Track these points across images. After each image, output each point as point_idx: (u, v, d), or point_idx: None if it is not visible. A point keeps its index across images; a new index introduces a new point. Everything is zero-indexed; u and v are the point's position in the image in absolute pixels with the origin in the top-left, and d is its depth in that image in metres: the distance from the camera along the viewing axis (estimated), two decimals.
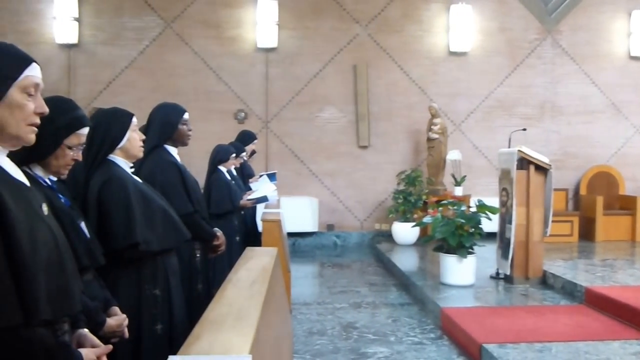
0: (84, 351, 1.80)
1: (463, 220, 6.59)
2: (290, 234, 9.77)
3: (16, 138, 1.69)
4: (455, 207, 6.78)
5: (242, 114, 10.62)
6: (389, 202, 10.60)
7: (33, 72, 1.71)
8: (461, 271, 6.79)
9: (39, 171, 2.25)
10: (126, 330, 2.45)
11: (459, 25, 10.86)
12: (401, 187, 10.25)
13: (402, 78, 10.90)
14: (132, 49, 10.53)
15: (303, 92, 10.73)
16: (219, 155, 5.99)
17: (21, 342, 1.56)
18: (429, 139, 10.43)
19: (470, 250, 6.73)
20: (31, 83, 1.69)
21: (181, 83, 10.47)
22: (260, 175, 7.47)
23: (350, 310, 6.61)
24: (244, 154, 7.02)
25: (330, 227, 10.84)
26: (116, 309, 2.47)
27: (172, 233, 2.94)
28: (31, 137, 1.72)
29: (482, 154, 11.06)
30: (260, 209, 6.64)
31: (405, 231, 9.89)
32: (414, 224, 7.57)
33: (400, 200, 10.07)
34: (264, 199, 6.16)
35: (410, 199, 10.01)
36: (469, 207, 7.21)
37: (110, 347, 1.93)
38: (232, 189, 5.88)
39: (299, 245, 10.61)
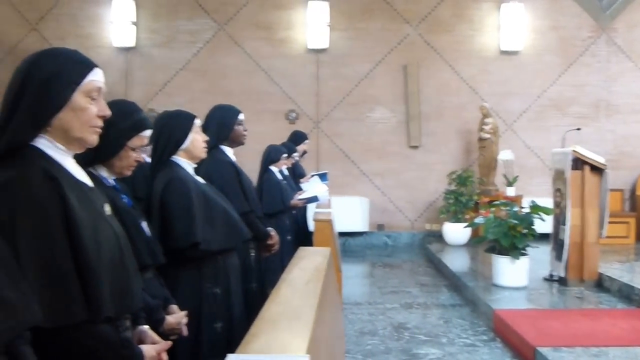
0: (144, 347, 1.85)
1: (516, 221, 6.51)
2: (341, 234, 9.79)
3: (79, 140, 1.75)
4: (507, 208, 6.71)
5: (293, 114, 10.72)
6: (440, 202, 10.53)
7: (96, 77, 1.77)
8: (514, 273, 6.70)
9: (103, 172, 2.31)
10: (185, 327, 2.49)
11: (510, 24, 10.72)
12: (452, 187, 10.18)
13: (453, 78, 10.82)
14: (186, 51, 10.74)
15: (353, 93, 10.77)
16: (271, 156, 6.05)
17: (86, 338, 1.62)
18: (480, 139, 10.33)
19: (523, 251, 6.63)
20: (94, 87, 1.75)
21: (233, 84, 10.62)
22: (312, 175, 7.53)
23: (401, 310, 6.61)
24: (296, 154, 7.08)
25: (380, 227, 10.84)
26: (175, 307, 2.52)
27: (232, 233, 2.99)
28: (94, 138, 1.78)
29: (534, 153, 10.88)
30: (311, 208, 6.69)
31: (456, 232, 9.83)
32: (465, 224, 7.51)
33: (451, 201, 10.00)
34: (314, 199, 6.19)
35: (461, 199, 9.93)
36: (522, 207, 7.12)
37: (170, 343, 1.97)
38: (283, 188, 5.93)
39: (349, 245, 10.65)
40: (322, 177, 7.36)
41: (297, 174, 7.30)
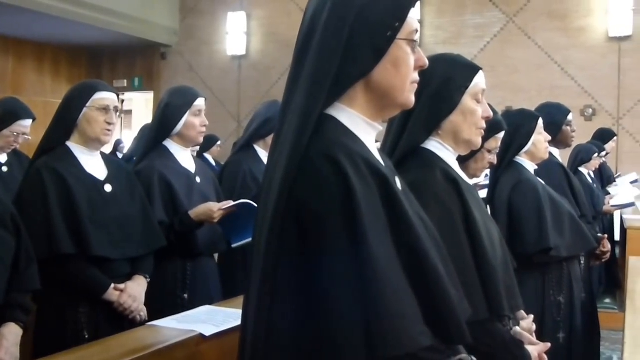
0: (529, 348, 1.79)
1: None
2: None
3: (467, 142, 1.80)
4: None
5: (590, 110, 9.97)
6: None
7: (481, 79, 1.81)
8: None
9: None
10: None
11: None
12: None
13: None
14: (472, 46, 10.55)
15: None
16: (581, 155, 5.65)
17: (484, 336, 1.60)
18: None
19: None
20: (480, 89, 1.79)
21: (523, 79, 10.18)
22: (618, 177, 6.99)
23: None
24: (603, 153, 6.54)
25: None
26: (522, 312, 2.43)
27: (579, 239, 2.85)
28: (479, 140, 1.82)
29: None
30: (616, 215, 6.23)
31: None
32: None
33: None
34: (630, 205, 5.64)
35: None
36: None
37: (549, 344, 1.87)
38: (595, 193, 5.50)
39: None
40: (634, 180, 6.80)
41: (604, 176, 6.75)
